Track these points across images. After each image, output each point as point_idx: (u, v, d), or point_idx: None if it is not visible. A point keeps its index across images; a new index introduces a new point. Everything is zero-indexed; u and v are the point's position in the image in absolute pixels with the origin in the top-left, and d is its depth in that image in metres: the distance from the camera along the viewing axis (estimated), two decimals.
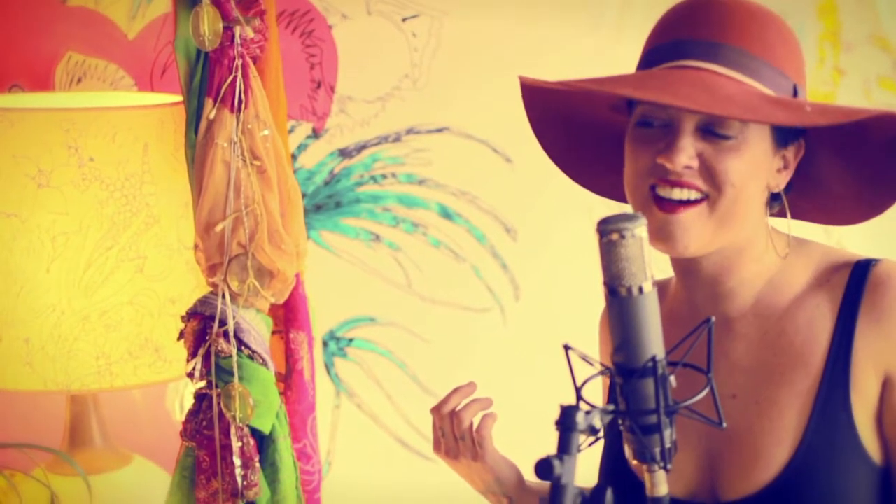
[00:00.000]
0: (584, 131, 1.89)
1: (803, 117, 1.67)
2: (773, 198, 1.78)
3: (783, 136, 1.72)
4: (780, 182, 1.75)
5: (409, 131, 2.96)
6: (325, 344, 3.01)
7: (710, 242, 1.71)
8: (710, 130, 1.68)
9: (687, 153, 1.67)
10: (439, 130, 2.95)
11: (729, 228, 1.71)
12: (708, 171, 1.68)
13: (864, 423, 1.71)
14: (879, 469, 1.72)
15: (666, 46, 1.73)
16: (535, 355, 2.86)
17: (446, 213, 2.97)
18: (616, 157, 1.80)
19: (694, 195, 1.68)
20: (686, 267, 1.79)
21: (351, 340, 3.01)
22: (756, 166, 1.70)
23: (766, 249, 1.77)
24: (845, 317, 1.72)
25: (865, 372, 1.71)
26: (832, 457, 1.70)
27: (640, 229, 1.42)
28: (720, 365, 1.77)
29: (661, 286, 1.90)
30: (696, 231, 1.69)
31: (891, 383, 1.71)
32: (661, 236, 1.70)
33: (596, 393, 1.49)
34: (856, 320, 1.71)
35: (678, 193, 1.68)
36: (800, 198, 1.81)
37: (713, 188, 1.68)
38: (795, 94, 1.71)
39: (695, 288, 1.80)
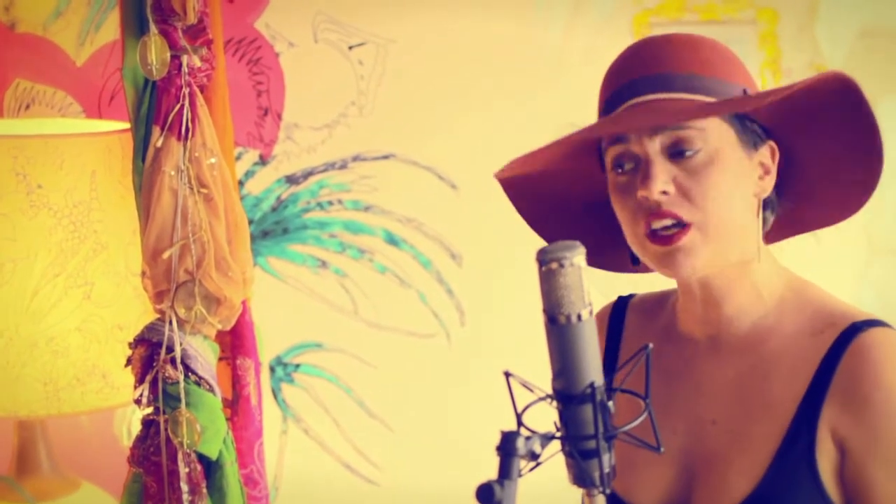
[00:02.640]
0: (582, 215, 1.90)
1: (735, 106, 1.71)
2: (765, 208, 1.79)
3: (748, 139, 1.75)
4: (765, 188, 1.77)
5: (356, 158, 2.98)
6: (272, 369, 3.01)
7: (714, 260, 1.73)
8: (676, 152, 1.71)
9: (661, 179, 1.69)
10: (385, 157, 2.97)
11: (728, 244, 1.73)
12: (686, 195, 1.70)
13: (830, 475, 1.72)
14: None
15: (620, 90, 1.76)
16: (481, 380, 2.86)
17: (392, 240, 2.99)
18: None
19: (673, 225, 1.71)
20: (687, 287, 1.81)
21: (298, 366, 3.02)
22: (734, 176, 1.72)
23: (755, 258, 1.78)
24: (821, 375, 1.73)
25: (826, 433, 1.72)
26: (790, 499, 1.73)
27: (579, 258, 1.45)
28: (707, 387, 1.81)
29: (663, 298, 1.93)
30: (696, 253, 1.71)
31: (848, 453, 1.72)
32: (665, 264, 1.73)
33: (538, 418, 1.51)
34: (829, 382, 1.72)
35: (667, 223, 1.71)
36: (795, 205, 1.83)
37: (696, 211, 1.70)
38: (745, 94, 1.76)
39: (693, 308, 1.82)
